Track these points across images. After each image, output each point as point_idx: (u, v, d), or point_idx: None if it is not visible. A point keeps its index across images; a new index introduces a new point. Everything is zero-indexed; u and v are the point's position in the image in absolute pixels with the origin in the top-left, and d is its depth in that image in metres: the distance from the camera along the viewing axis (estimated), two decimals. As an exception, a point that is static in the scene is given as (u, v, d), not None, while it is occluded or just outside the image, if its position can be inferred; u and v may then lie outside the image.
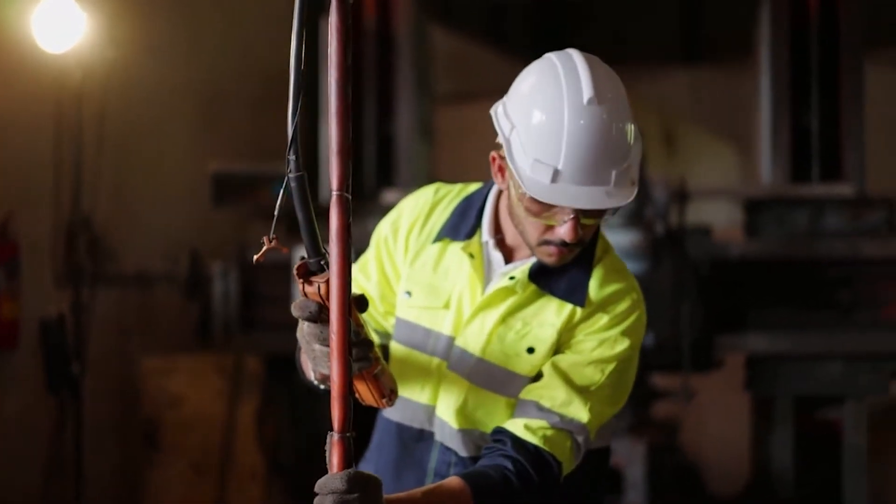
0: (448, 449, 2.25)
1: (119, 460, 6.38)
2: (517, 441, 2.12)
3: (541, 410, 2.15)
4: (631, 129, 2.11)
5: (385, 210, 5.45)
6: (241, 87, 7.40)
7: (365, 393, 2.03)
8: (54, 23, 5.36)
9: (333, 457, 1.80)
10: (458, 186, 2.40)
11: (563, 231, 2.11)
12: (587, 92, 2.06)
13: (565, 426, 2.14)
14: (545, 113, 2.08)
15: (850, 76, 5.74)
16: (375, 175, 6.00)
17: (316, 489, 1.81)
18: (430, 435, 2.27)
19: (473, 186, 2.38)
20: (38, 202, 5.87)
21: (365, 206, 5.60)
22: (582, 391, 2.17)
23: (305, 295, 1.89)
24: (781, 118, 5.78)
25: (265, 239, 1.90)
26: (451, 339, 2.25)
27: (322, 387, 2.17)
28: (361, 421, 2.03)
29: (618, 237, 4.74)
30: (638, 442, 5.05)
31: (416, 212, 2.36)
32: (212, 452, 6.05)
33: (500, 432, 2.15)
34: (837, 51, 5.78)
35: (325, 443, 1.84)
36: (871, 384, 5.42)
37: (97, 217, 5.97)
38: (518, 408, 2.18)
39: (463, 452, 2.24)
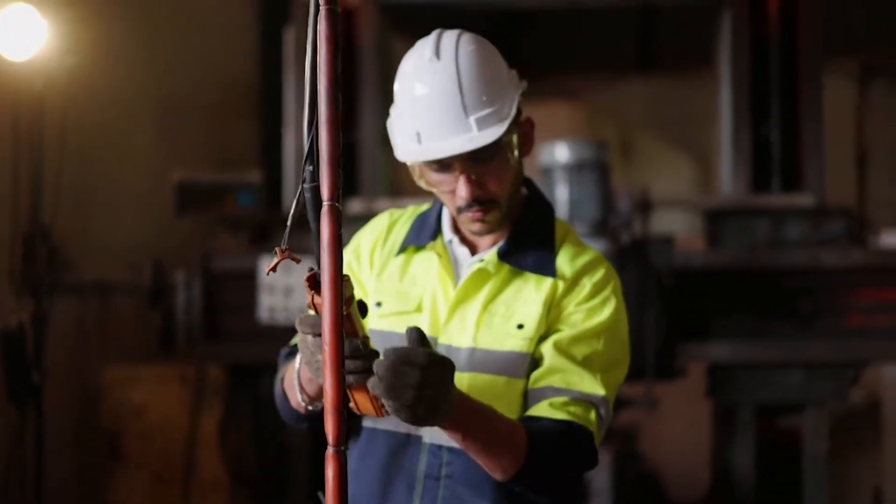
0: (439, 449, 2.24)
1: (80, 470, 6.33)
2: (549, 419, 2.16)
3: (558, 391, 2.19)
4: (493, 76, 2.22)
5: (349, 219, 5.46)
6: (200, 94, 7.38)
7: (363, 403, 2.03)
8: (15, 30, 5.32)
9: (329, 470, 1.80)
10: (411, 208, 2.50)
11: (460, 191, 2.21)
12: (427, 53, 2.20)
13: (585, 398, 2.19)
14: (402, 84, 2.25)
15: (810, 87, 5.80)
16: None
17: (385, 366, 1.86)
18: (418, 439, 2.27)
19: (425, 205, 2.48)
20: (-6, 212, 5.82)
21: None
22: (586, 364, 2.21)
23: (314, 305, 1.90)
24: (742, 129, 5.83)
25: (277, 250, 1.90)
26: (433, 340, 2.27)
27: (310, 407, 2.18)
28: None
29: (584, 246, 4.76)
30: (603, 450, 5.06)
31: (375, 234, 2.45)
32: (174, 462, 6.01)
33: (529, 418, 2.18)
34: (797, 62, 5.83)
35: (288, 453, 1.85)
36: (831, 392, 5.48)
37: (57, 226, 5.92)
38: (533, 397, 2.21)
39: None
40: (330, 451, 1.80)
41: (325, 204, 1.87)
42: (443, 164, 2.22)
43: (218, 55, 7.67)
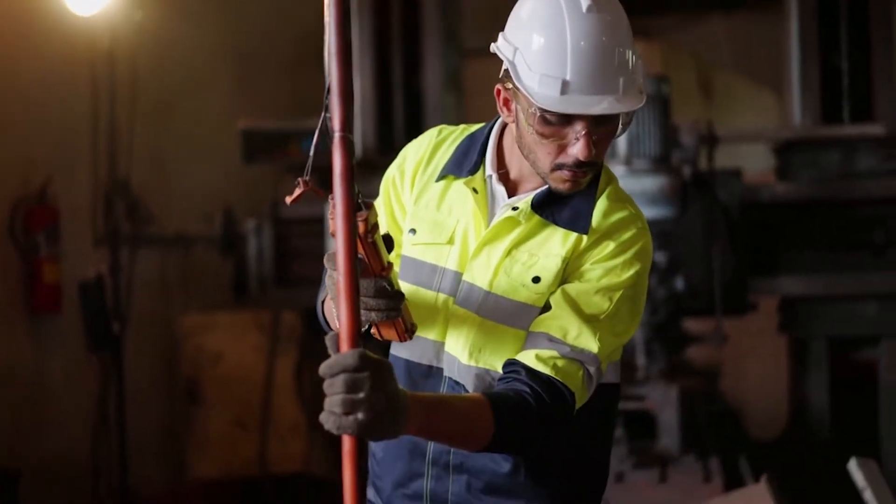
0: (457, 384, 2.26)
1: (162, 416, 6.48)
2: (530, 371, 2.12)
3: (551, 341, 2.15)
4: (631, 38, 2.15)
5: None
6: (275, 46, 7.44)
7: (387, 332, 2.09)
8: (82, -15, 5.43)
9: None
10: (462, 126, 2.41)
11: (577, 149, 2.12)
12: (585, 2, 2.10)
13: (576, 356, 2.14)
14: (547, 29, 2.12)
15: (879, 16, 5.67)
16: (404, 129, 6.00)
17: (323, 370, 1.78)
18: (439, 371, 2.27)
19: (476, 126, 2.39)
20: (75, 166, 5.95)
21: (394, 160, 5.62)
22: (591, 320, 2.17)
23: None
24: (810, 59, 5.73)
25: (300, 181, 1.92)
26: (458, 275, 2.26)
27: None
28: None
29: (645, 182, 4.74)
30: (670, 386, 5.05)
31: (420, 152, 2.37)
32: (252, 407, 6.13)
33: (513, 363, 2.16)
34: (866, -10, 5.72)
35: None
36: (906, 323, 5.41)
37: (134, 179, 6.05)
38: (528, 339, 2.18)
39: (472, 388, 2.25)
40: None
41: (337, 135, 1.86)
42: (567, 119, 2.13)
43: (290, 6, 7.71)
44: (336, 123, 1.87)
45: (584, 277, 2.20)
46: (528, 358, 2.15)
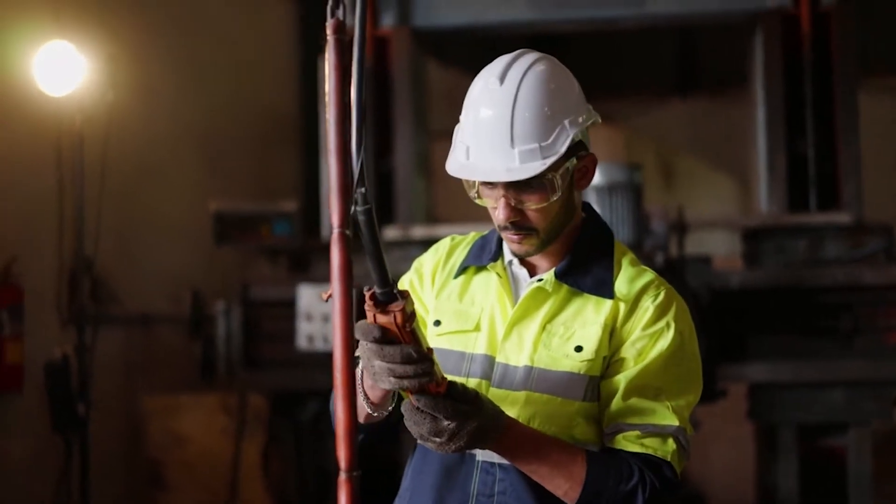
0: (491, 466, 2.26)
1: (126, 500, 6.38)
2: (622, 451, 2.19)
3: (631, 425, 2.20)
4: (552, 110, 2.22)
5: (385, 246, 5.46)
6: (243, 127, 7.46)
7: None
8: (55, 67, 5.42)
9: (341, 497, 1.81)
10: (472, 233, 2.51)
11: (498, 211, 2.24)
12: (492, 75, 2.22)
13: (660, 431, 2.20)
14: (468, 102, 2.28)
15: (845, 105, 5.77)
16: (375, 212, 6.00)
17: (418, 398, 2.04)
18: (472, 457, 2.28)
19: (486, 231, 2.49)
20: (41, 246, 5.90)
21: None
22: (659, 396, 2.22)
23: (375, 322, 1.96)
24: (777, 148, 5.81)
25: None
26: (490, 358, 2.29)
27: (375, 413, 2.24)
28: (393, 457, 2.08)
29: (617, 268, 4.75)
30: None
31: (438, 255, 2.47)
32: (218, 491, 6.05)
33: (604, 450, 2.22)
34: (831, 80, 5.81)
35: (330, 479, 1.87)
36: (874, 410, 5.43)
37: (100, 259, 6.00)
38: (607, 435, 2.23)
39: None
40: (342, 476, 1.81)
41: (336, 231, 1.88)
42: (491, 185, 2.24)
43: (259, 88, 7.76)
44: (335, 219, 1.90)
45: (635, 350, 2.25)
46: (616, 443, 2.21)
